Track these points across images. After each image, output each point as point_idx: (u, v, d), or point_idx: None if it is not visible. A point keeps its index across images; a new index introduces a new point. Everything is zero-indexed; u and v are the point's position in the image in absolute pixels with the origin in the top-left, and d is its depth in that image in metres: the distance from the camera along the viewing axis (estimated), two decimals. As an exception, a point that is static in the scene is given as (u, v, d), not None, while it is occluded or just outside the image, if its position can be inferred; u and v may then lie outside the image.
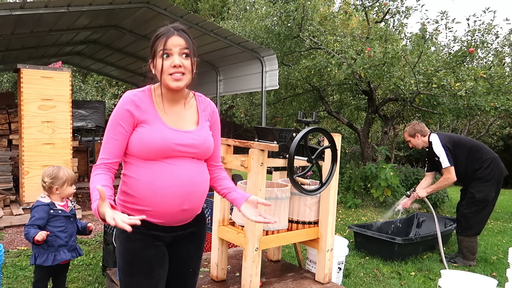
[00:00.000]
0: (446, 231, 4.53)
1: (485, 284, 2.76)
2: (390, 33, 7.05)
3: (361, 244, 4.46)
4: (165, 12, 5.73)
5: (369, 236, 4.25)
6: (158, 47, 1.52)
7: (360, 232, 4.37)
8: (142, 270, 1.60)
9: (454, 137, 4.18)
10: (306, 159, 2.43)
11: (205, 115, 1.71)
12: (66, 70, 5.46)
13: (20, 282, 3.30)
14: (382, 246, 4.17)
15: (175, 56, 1.51)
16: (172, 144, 1.55)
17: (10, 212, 5.11)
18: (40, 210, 2.55)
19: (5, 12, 4.58)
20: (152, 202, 1.55)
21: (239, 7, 11.94)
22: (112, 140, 1.55)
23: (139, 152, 1.54)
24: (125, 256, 1.61)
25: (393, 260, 4.15)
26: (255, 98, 10.40)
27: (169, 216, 1.59)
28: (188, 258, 1.75)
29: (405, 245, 4.11)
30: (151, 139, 1.53)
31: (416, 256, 4.32)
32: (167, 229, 1.63)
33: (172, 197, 1.55)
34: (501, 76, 6.16)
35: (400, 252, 4.14)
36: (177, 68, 1.51)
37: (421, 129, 4.20)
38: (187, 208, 1.60)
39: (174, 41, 1.51)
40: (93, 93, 14.69)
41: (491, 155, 4.09)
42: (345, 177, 7.63)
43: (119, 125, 1.54)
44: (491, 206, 4.10)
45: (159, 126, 1.56)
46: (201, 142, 1.62)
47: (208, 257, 3.09)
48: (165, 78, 1.53)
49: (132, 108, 1.55)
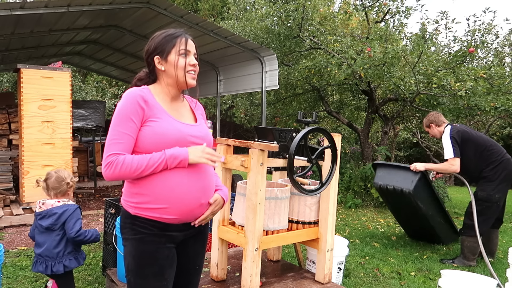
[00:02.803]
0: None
1: (485, 284, 2.76)
2: (390, 33, 7.05)
3: (383, 178, 4.58)
4: (165, 12, 5.74)
5: (392, 166, 4.53)
6: (180, 46, 1.62)
7: (382, 163, 4.74)
8: (154, 272, 1.59)
9: (466, 133, 4.11)
10: (306, 159, 2.43)
11: (198, 113, 1.79)
12: (66, 70, 5.46)
13: (20, 282, 3.30)
14: (405, 176, 4.33)
15: (192, 57, 1.65)
16: (187, 135, 1.59)
17: (10, 212, 5.11)
18: (79, 213, 2.54)
19: (5, 12, 4.58)
20: (169, 198, 1.54)
21: (239, 7, 11.94)
22: (124, 135, 1.51)
23: (153, 147, 1.53)
24: (137, 258, 1.59)
25: (410, 191, 4.24)
26: (255, 98, 10.40)
27: (187, 212, 1.59)
28: (195, 255, 1.77)
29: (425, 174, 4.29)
30: (166, 132, 1.54)
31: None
32: (181, 228, 1.63)
33: (190, 193, 1.57)
34: (501, 76, 6.15)
35: (418, 185, 4.27)
36: (194, 67, 1.66)
37: (435, 119, 4.26)
38: (204, 202, 1.63)
39: (192, 43, 1.67)
40: (93, 93, 14.68)
41: (501, 156, 4.03)
42: (345, 177, 7.63)
43: (131, 120, 1.52)
44: (496, 207, 4.04)
45: (169, 120, 1.59)
46: (205, 135, 1.69)
47: (208, 257, 3.09)
48: (184, 74, 1.63)
49: (142, 102, 1.55)
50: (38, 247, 2.51)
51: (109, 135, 1.54)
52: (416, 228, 4.86)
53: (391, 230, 5.52)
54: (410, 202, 4.34)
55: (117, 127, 1.52)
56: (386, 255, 4.40)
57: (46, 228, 2.48)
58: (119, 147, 1.51)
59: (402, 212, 4.78)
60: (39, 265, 2.49)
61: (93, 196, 7.00)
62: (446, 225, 4.72)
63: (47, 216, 2.49)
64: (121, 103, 1.54)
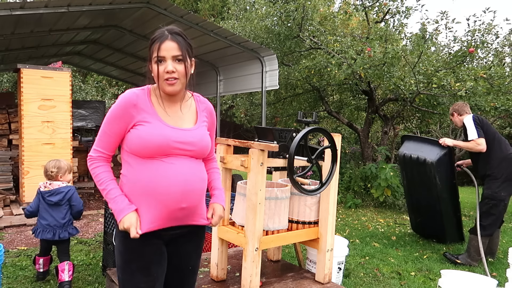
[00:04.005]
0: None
1: (485, 284, 2.76)
2: (390, 33, 7.05)
3: (409, 148, 4.72)
4: (165, 12, 5.73)
5: (421, 138, 4.72)
6: (153, 53, 1.57)
7: (411, 135, 4.94)
8: (140, 268, 1.61)
9: (486, 121, 4.19)
10: (306, 159, 2.43)
11: (204, 115, 1.76)
12: (66, 70, 5.46)
13: (20, 282, 3.30)
14: (432, 148, 4.48)
15: (168, 62, 1.56)
16: (171, 141, 1.58)
17: (10, 212, 5.11)
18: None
19: (5, 12, 4.58)
20: (149, 201, 1.57)
21: (239, 7, 11.93)
22: (107, 135, 1.63)
23: (138, 150, 1.57)
24: (124, 254, 1.63)
25: (432, 162, 4.37)
26: (255, 98, 10.40)
27: (167, 215, 1.60)
28: (187, 256, 1.77)
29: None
30: (149, 137, 1.55)
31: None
32: (166, 228, 1.64)
33: (168, 196, 1.57)
34: (501, 76, 6.15)
35: (442, 159, 4.39)
36: (170, 74, 1.56)
37: (459, 109, 4.32)
38: (186, 206, 1.62)
39: (167, 46, 1.55)
40: (93, 93, 14.68)
41: (505, 153, 4.05)
42: (345, 177, 7.63)
43: (115, 123, 1.60)
44: (503, 206, 4.05)
45: (158, 124, 1.59)
46: (198, 139, 1.66)
47: (208, 257, 3.09)
48: (161, 83, 1.59)
49: (131, 107, 1.58)
50: (44, 219, 3.12)
51: (99, 130, 1.67)
52: (424, 213, 4.85)
53: (391, 230, 5.52)
54: (430, 175, 4.44)
55: (104, 126, 1.64)
56: (386, 255, 4.40)
57: (55, 203, 3.12)
58: (101, 145, 1.65)
59: (416, 190, 4.80)
60: (47, 233, 3.11)
61: (93, 196, 7.00)
62: (453, 219, 4.73)
63: (55, 193, 3.13)
64: (113, 105, 1.63)
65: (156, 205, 1.58)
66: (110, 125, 1.61)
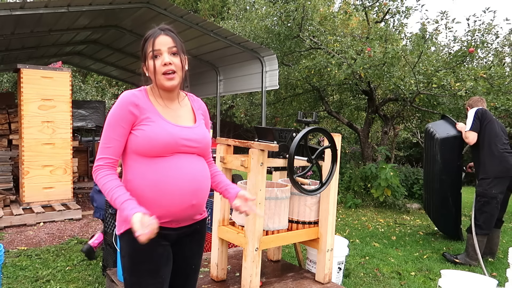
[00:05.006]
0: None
1: (485, 284, 2.76)
2: (390, 33, 7.05)
3: (435, 124, 4.98)
4: (165, 12, 5.73)
5: (449, 120, 4.86)
6: (148, 49, 1.58)
7: (448, 116, 5.04)
8: (149, 270, 1.60)
9: (491, 115, 4.21)
10: (306, 159, 2.43)
11: (200, 113, 1.77)
12: (66, 70, 5.46)
13: (20, 282, 3.30)
14: (447, 128, 4.72)
15: (165, 55, 1.57)
16: (178, 138, 1.58)
17: (10, 212, 5.11)
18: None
19: (5, 12, 4.58)
20: (160, 202, 1.56)
21: (239, 7, 11.93)
22: (113, 140, 1.58)
23: (145, 150, 1.56)
24: (132, 256, 1.61)
25: (438, 139, 4.63)
26: (255, 98, 10.40)
27: (179, 213, 1.60)
28: (191, 255, 1.77)
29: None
30: (156, 135, 1.55)
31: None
32: (175, 227, 1.64)
33: (180, 194, 1.57)
34: (501, 76, 6.15)
35: (449, 138, 4.61)
36: (168, 66, 1.56)
37: (472, 103, 4.43)
38: (195, 203, 1.63)
39: (162, 40, 1.57)
40: (93, 93, 14.69)
41: (497, 150, 4.05)
42: (345, 177, 7.63)
43: (120, 126, 1.57)
44: (496, 203, 4.04)
45: (162, 123, 1.58)
46: (201, 137, 1.67)
47: (208, 257, 3.09)
48: (159, 78, 1.58)
49: (132, 107, 1.57)
50: (96, 203, 3.69)
51: (101, 138, 1.62)
52: (425, 188, 5.08)
53: (391, 230, 5.52)
54: (434, 151, 4.70)
55: (107, 131, 1.59)
56: (386, 255, 4.40)
57: (98, 191, 3.63)
58: (108, 152, 1.58)
59: (425, 163, 5.03)
60: (97, 213, 3.70)
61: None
62: (452, 208, 4.79)
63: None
64: (113, 108, 1.60)
65: (168, 203, 1.56)
66: (115, 128, 1.57)
